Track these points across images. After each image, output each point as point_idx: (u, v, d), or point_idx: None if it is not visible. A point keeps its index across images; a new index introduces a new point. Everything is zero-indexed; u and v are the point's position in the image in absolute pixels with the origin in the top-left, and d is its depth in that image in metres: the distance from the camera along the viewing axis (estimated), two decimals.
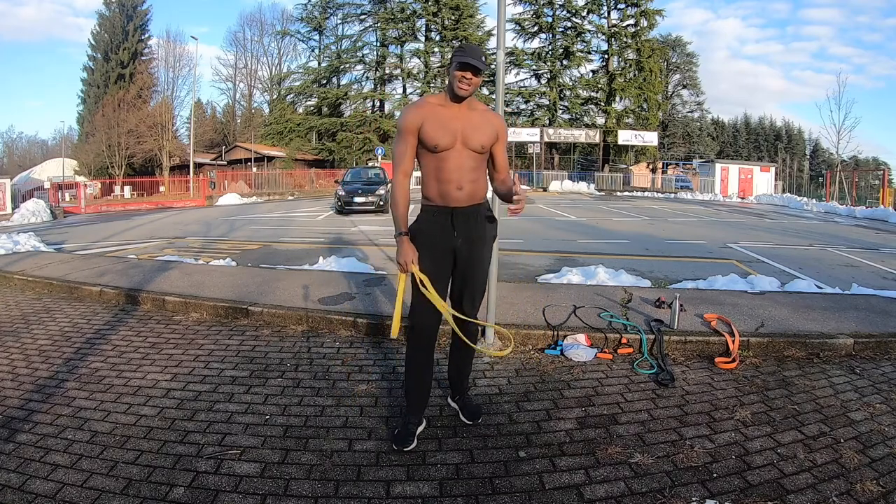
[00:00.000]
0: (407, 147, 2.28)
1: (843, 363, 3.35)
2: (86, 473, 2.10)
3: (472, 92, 2.24)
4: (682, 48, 47.65)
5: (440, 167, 2.26)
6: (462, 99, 2.25)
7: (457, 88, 2.20)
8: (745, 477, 2.10)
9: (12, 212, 19.70)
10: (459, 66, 2.17)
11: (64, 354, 3.47)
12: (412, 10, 37.97)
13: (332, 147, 38.65)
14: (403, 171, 2.30)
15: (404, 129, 2.26)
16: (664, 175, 37.58)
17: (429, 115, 2.24)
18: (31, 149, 63.72)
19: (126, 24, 40.63)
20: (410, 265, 2.23)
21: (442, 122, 2.23)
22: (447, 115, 2.25)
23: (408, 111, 2.28)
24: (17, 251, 7.38)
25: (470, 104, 2.30)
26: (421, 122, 2.24)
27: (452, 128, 2.23)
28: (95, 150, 35.41)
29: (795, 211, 19.29)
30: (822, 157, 53.82)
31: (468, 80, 2.18)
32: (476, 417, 2.53)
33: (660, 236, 10.23)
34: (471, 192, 2.29)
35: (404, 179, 2.30)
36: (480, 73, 2.19)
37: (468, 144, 2.26)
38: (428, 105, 2.28)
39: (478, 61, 2.16)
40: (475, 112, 2.31)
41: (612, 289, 4.82)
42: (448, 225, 2.29)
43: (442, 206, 2.29)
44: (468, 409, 2.57)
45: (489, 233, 2.42)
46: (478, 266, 2.39)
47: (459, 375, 2.61)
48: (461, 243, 2.31)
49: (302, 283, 5.00)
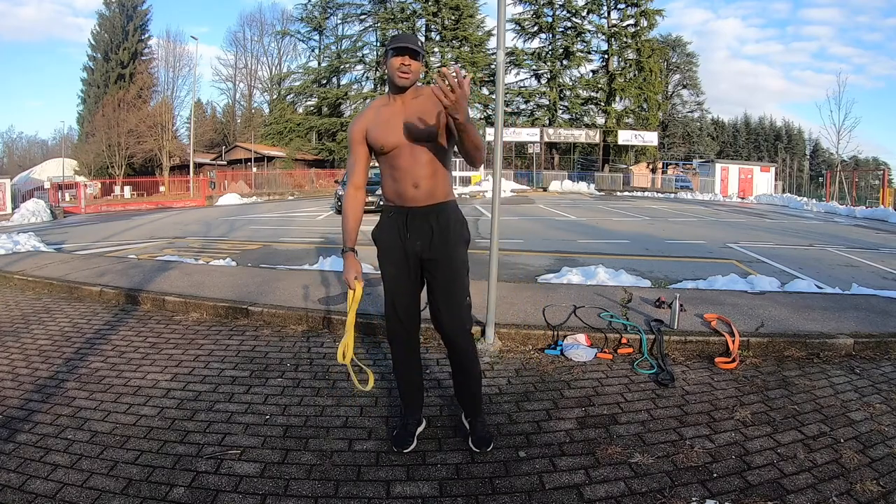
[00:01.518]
0: (357, 158, 2.19)
1: (843, 363, 3.35)
2: (86, 473, 2.10)
3: (415, 80, 2.09)
4: (682, 48, 47.67)
5: (394, 166, 2.13)
6: (405, 89, 2.09)
7: (397, 78, 2.05)
8: (745, 477, 2.09)
9: (12, 212, 19.72)
10: (396, 51, 2.03)
11: (64, 354, 3.47)
12: (412, 10, 37.99)
13: (332, 147, 38.67)
14: (354, 183, 2.22)
15: (353, 140, 2.19)
16: (664, 175, 37.59)
17: (372, 119, 2.15)
18: (31, 149, 63.76)
19: (126, 24, 40.65)
20: (353, 282, 2.17)
21: (384, 122, 2.11)
22: (389, 114, 2.12)
23: (353, 123, 2.21)
24: (17, 251, 7.38)
25: (414, 92, 2.13)
26: (366, 129, 2.15)
27: (395, 125, 2.10)
28: (95, 150, 35.43)
29: (795, 211, 19.29)
30: (822, 157, 53.82)
31: (407, 65, 2.03)
32: (484, 446, 2.26)
33: (660, 236, 10.23)
34: (429, 188, 2.12)
35: (355, 192, 2.23)
36: (419, 58, 2.05)
37: (415, 137, 2.08)
38: (371, 110, 2.19)
39: (413, 44, 2.02)
40: (419, 99, 2.11)
41: (612, 289, 4.82)
42: (403, 226, 2.16)
43: (399, 207, 2.16)
44: (476, 435, 2.30)
45: (455, 235, 2.18)
46: (444, 272, 2.17)
47: (466, 396, 2.36)
48: (419, 247, 2.15)
49: (302, 283, 5.00)
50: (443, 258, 2.16)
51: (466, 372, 2.29)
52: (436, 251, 2.15)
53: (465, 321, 2.26)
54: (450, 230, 2.16)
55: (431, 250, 2.15)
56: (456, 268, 2.19)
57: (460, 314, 2.22)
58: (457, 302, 2.20)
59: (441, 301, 2.19)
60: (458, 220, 2.21)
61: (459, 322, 2.22)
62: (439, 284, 2.18)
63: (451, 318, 2.20)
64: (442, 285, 2.18)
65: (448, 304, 2.18)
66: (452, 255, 2.17)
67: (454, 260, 2.18)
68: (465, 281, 2.25)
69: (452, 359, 2.31)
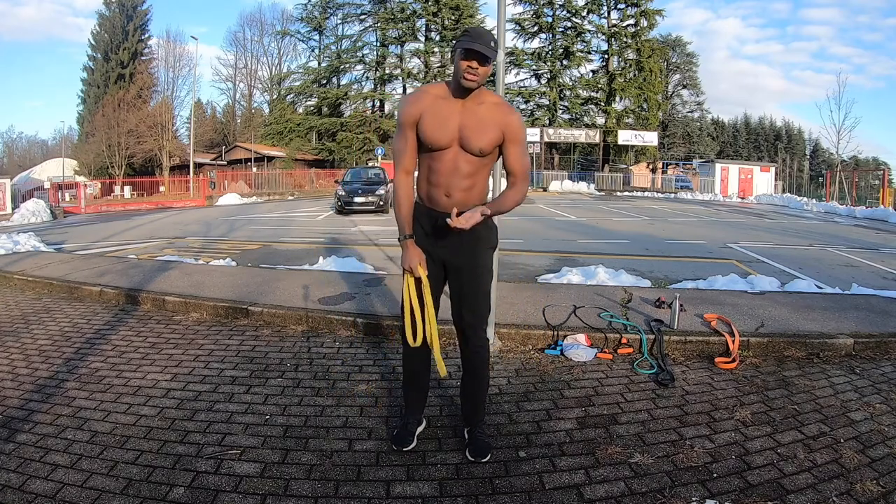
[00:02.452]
0: (407, 143, 2.07)
1: (843, 363, 3.35)
2: (86, 473, 2.10)
3: (480, 84, 1.98)
4: (682, 48, 47.67)
5: (432, 168, 2.06)
6: (468, 91, 1.99)
7: (462, 80, 1.94)
8: (745, 477, 2.09)
9: (12, 212, 19.71)
10: (464, 53, 1.91)
11: (64, 354, 3.46)
12: (412, 10, 37.97)
13: (332, 147, 38.66)
14: (404, 169, 2.10)
15: (402, 123, 2.06)
16: (664, 175, 37.59)
17: (428, 107, 2.02)
18: (31, 149, 63.77)
19: (126, 24, 40.62)
20: (418, 269, 2.08)
21: (441, 117, 2.00)
22: (448, 110, 2.01)
23: (406, 103, 2.08)
24: (17, 251, 7.37)
25: (478, 97, 2.03)
26: (419, 114, 2.02)
27: (451, 125, 2.00)
28: (95, 150, 35.41)
29: (795, 211, 19.29)
30: (822, 157, 53.82)
31: (474, 69, 1.91)
32: (482, 455, 2.20)
33: (660, 236, 10.23)
34: (461, 200, 2.05)
35: (406, 178, 2.11)
36: (489, 62, 1.92)
37: (466, 146, 2.01)
38: (428, 96, 2.05)
39: (486, 48, 1.88)
40: (482, 107, 2.02)
41: (612, 289, 4.82)
42: (430, 230, 2.12)
43: (429, 208, 2.12)
44: (475, 444, 2.23)
45: (483, 242, 2.15)
46: (468, 275, 2.15)
47: (470, 401, 2.31)
48: (447, 251, 2.12)
49: (302, 283, 5.00)
50: (468, 264, 2.14)
51: (476, 371, 2.26)
52: (462, 258, 2.13)
53: (485, 322, 2.24)
54: (480, 239, 2.13)
55: (457, 256, 2.13)
56: (480, 275, 2.17)
57: (481, 316, 2.20)
58: (479, 305, 2.19)
59: (463, 304, 2.18)
60: (487, 227, 2.15)
61: (478, 323, 2.20)
62: (463, 289, 2.17)
63: (471, 320, 2.19)
64: (466, 291, 2.17)
65: (471, 307, 2.18)
66: (478, 261, 2.15)
67: (479, 266, 2.16)
68: (489, 286, 2.24)
69: (465, 358, 2.27)
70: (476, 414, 2.29)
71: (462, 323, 2.21)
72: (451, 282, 2.20)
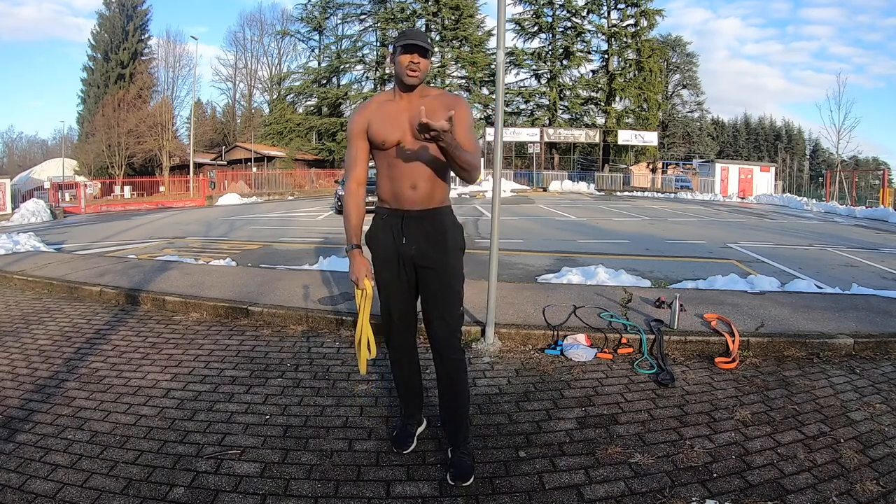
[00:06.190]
0: (357, 152, 2.11)
1: (843, 363, 3.35)
2: (86, 473, 2.10)
3: (423, 78, 2.04)
4: (682, 48, 47.69)
5: (391, 164, 2.06)
6: (412, 88, 2.05)
7: (405, 76, 2.00)
8: (745, 477, 2.09)
9: (12, 212, 19.73)
10: (404, 49, 1.97)
11: (64, 354, 3.46)
12: (412, 10, 37.99)
13: (332, 147, 38.67)
14: (355, 178, 2.13)
15: (352, 134, 2.11)
16: (664, 175, 37.58)
17: (374, 113, 2.08)
18: (31, 149, 63.81)
19: (126, 24, 40.66)
20: (363, 280, 2.06)
21: (390, 116, 2.05)
22: (395, 110, 2.06)
23: (353, 114, 2.14)
24: (17, 251, 7.37)
25: (421, 92, 2.09)
26: (367, 123, 2.08)
27: (400, 121, 2.03)
28: (95, 150, 35.43)
29: (795, 211, 19.29)
30: (822, 157, 53.84)
31: (416, 63, 1.98)
32: (464, 479, 2.05)
33: (660, 236, 10.23)
34: (427, 192, 2.05)
35: (357, 188, 2.13)
36: (428, 55, 2.01)
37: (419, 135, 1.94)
38: (374, 104, 2.13)
39: (423, 42, 1.97)
40: (427, 99, 2.06)
41: (612, 289, 4.82)
42: (398, 230, 2.08)
43: (394, 209, 2.09)
44: (458, 466, 2.08)
45: (451, 242, 2.11)
46: (439, 279, 2.09)
47: (452, 421, 2.17)
48: (415, 252, 2.07)
49: (302, 283, 5.00)
50: (438, 266, 2.09)
51: (454, 388, 2.14)
52: (431, 258, 2.08)
53: (457, 332, 2.16)
54: (447, 236, 2.10)
55: (426, 257, 2.08)
56: (450, 276, 2.12)
57: (453, 324, 2.13)
58: (450, 311, 2.12)
59: (434, 309, 2.11)
60: (454, 225, 2.15)
61: (451, 332, 2.12)
62: (432, 292, 2.11)
63: (444, 328, 2.11)
64: (435, 293, 2.10)
65: (441, 312, 2.11)
66: (447, 263, 2.11)
67: (449, 267, 2.11)
68: (460, 290, 2.16)
69: (440, 373, 2.16)
70: (460, 430, 2.15)
71: (435, 335, 2.13)
72: (422, 288, 2.14)
